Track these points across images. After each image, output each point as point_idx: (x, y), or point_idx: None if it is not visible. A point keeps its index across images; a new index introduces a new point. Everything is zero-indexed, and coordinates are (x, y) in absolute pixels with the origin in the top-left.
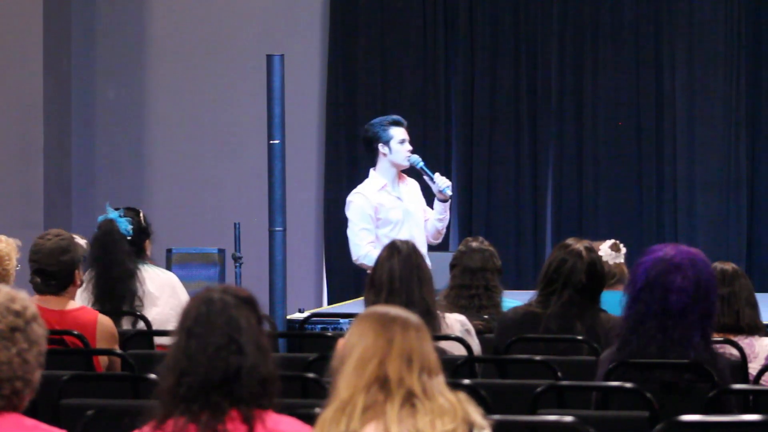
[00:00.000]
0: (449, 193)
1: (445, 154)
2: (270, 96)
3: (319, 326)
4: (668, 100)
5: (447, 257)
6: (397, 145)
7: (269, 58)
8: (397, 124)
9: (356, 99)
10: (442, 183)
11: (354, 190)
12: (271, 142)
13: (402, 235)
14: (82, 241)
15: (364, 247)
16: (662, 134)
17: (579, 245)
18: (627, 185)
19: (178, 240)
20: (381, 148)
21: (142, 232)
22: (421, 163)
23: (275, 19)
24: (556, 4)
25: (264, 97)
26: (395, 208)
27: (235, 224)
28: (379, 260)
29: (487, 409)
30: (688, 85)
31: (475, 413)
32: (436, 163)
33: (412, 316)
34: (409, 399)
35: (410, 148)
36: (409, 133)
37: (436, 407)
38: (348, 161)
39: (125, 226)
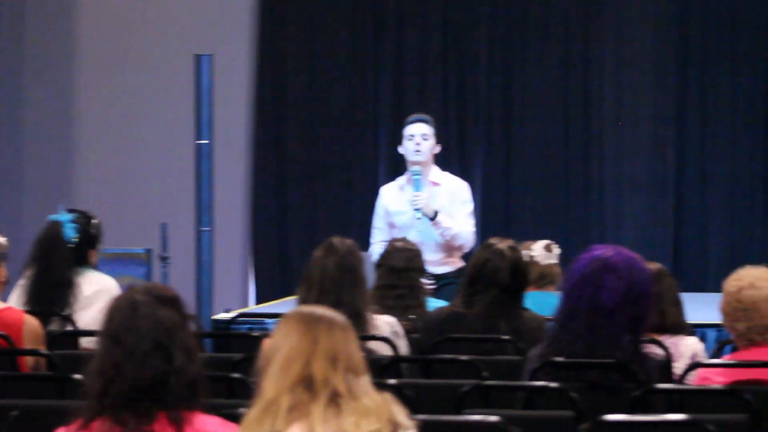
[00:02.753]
0: (418, 216)
1: (372, 154)
2: (198, 96)
3: (246, 326)
4: (596, 101)
5: None
6: (406, 141)
7: (197, 58)
8: (411, 122)
9: (285, 99)
10: (411, 204)
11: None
12: (199, 142)
13: (409, 238)
14: (1, 239)
15: (373, 246)
16: (590, 134)
17: (502, 245)
18: (554, 185)
19: (105, 240)
20: (400, 147)
21: (87, 241)
22: (417, 176)
23: (204, 19)
24: (484, 6)
25: (192, 97)
26: (404, 213)
27: (162, 224)
28: (314, 258)
29: (413, 409)
30: (616, 86)
31: (400, 413)
32: (365, 164)
33: (338, 316)
34: (334, 399)
35: (420, 143)
36: (415, 131)
37: (361, 407)
38: (276, 161)
39: (70, 232)
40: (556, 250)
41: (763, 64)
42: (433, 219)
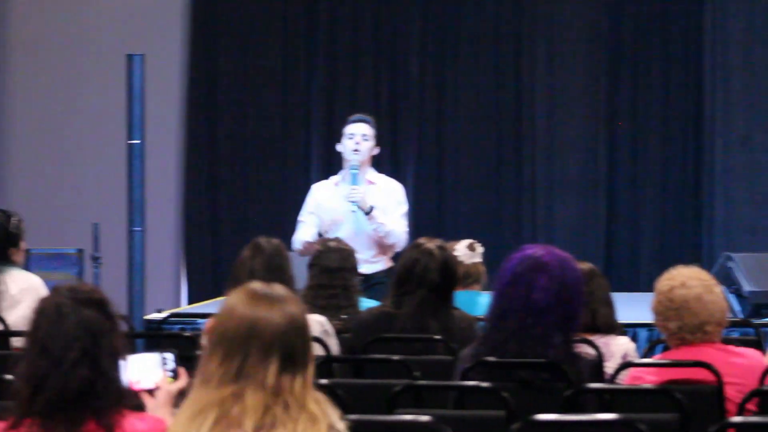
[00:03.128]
0: (353, 209)
1: (305, 153)
2: (130, 96)
3: (178, 326)
4: (528, 101)
5: None
6: (346, 139)
7: (129, 57)
8: (352, 121)
9: (217, 99)
10: (348, 196)
11: None
12: (131, 142)
13: (341, 235)
14: None
15: (297, 237)
16: (522, 134)
17: (431, 244)
18: (486, 185)
19: (37, 240)
20: (338, 145)
21: (8, 239)
22: (354, 171)
23: (136, 19)
24: (417, 5)
25: (124, 96)
26: (336, 209)
27: (94, 224)
28: (241, 259)
29: (345, 409)
30: (548, 86)
31: (335, 417)
32: (297, 164)
33: (284, 296)
34: (269, 411)
35: (360, 143)
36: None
37: (301, 422)
38: (208, 161)
39: None
40: (480, 248)
41: (694, 65)
42: (368, 213)
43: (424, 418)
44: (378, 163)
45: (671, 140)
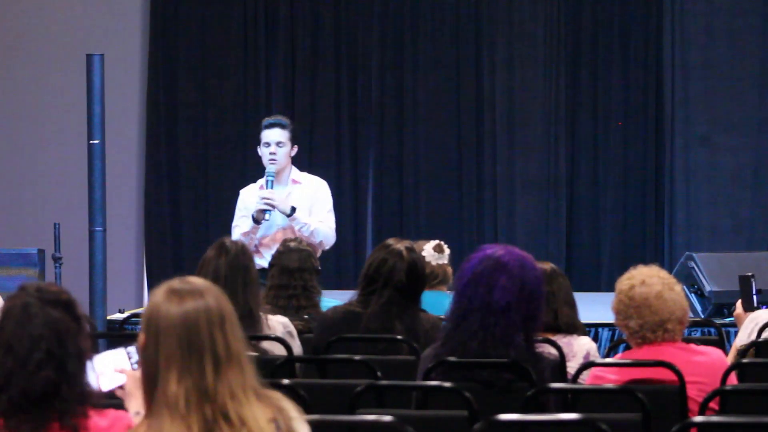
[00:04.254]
0: (266, 217)
1: None
2: (90, 95)
3: (139, 326)
4: (488, 101)
5: None
6: (262, 147)
7: (89, 57)
8: (266, 126)
9: (177, 98)
10: (260, 202)
11: None
12: (91, 141)
13: (268, 236)
14: None
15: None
16: (482, 135)
17: (399, 245)
18: (447, 185)
19: None
20: (259, 150)
21: None
22: (270, 177)
23: (95, 19)
24: (376, 4)
25: (84, 96)
26: (267, 212)
27: (54, 224)
28: (206, 259)
29: (307, 409)
30: (508, 86)
31: (291, 409)
32: (257, 164)
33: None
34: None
35: (275, 152)
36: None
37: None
38: (168, 160)
39: None
40: (447, 250)
41: (653, 65)
42: (290, 215)
43: (387, 418)
44: (338, 163)
45: (631, 140)
